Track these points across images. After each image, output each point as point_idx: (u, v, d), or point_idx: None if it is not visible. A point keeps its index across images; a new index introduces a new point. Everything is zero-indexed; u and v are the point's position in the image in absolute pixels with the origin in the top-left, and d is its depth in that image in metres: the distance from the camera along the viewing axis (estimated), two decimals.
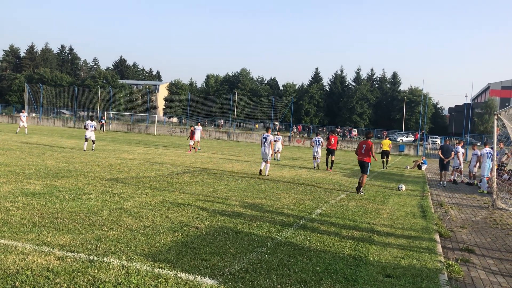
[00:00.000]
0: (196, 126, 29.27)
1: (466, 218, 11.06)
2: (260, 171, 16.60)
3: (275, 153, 25.18)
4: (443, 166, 18.92)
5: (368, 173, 14.37)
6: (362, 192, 13.73)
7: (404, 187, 15.53)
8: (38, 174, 12.41)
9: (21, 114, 36.52)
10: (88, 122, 22.61)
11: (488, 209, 12.85)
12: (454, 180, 20.34)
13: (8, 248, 5.63)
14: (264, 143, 17.04)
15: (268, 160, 16.81)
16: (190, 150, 27.35)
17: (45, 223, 7.01)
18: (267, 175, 16.43)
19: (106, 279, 4.85)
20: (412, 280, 5.69)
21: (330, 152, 21.35)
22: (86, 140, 22.27)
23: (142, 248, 6.12)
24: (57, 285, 4.60)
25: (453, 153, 19.51)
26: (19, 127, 35.47)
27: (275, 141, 24.55)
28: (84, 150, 21.61)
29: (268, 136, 17.12)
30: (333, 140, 21.66)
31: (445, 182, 18.81)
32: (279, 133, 28.29)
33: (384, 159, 26.51)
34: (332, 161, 21.41)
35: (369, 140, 14.73)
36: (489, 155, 16.77)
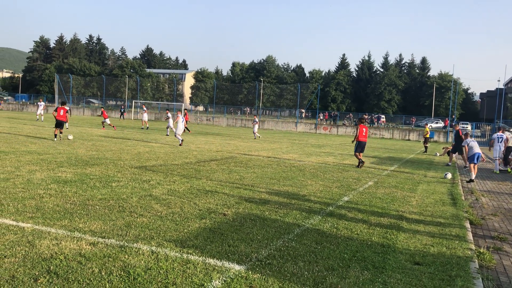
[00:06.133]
0: (143, 109, 36.08)
1: (498, 206, 10.80)
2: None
3: (254, 133, 32.12)
4: (457, 150, 20.65)
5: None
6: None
7: (450, 175, 15.25)
8: (69, 162, 12.71)
9: (39, 103, 38.05)
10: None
11: None
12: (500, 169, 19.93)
13: (42, 234, 5.81)
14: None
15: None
16: (104, 127, 31.28)
17: (76, 210, 7.18)
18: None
19: (136, 264, 4.95)
20: (441, 268, 5.60)
21: None
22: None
23: (171, 234, 6.21)
24: (89, 269, 4.72)
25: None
26: (37, 115, 37.17)
27: (254, 123, 32.40)
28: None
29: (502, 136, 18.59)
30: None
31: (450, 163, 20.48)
32: (255, 116, 33.69)
33: (425, 145, 30.21)
34: None
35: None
36: (500, 139, 18.44)
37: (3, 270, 4.54)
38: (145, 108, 39.81)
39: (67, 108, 21.57)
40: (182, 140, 21.76)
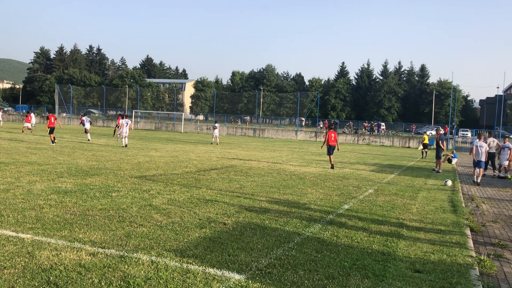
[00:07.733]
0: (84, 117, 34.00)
1: (498, 213, 10.79)
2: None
3: (215, 137, 32.96)
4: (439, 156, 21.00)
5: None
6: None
7: (450, 182, 15.27)
8: (69, 172, 12.72)
9: (31, 114, 37.63)
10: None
11: None
12: (499, 175, 19.98)
13: (42, 245, 5.80)
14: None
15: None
16: (23, 132, 32.51)
17: (76, 220, 7.18)
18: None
19: (136, 275, 4.95)
20: (442, 276, 5.59)
21: None
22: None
23: (171, 244, 6.20)
24: (89, 280, 4.72)
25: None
26: (31, 127, 36.42)
27: (214, 128, 33.25)
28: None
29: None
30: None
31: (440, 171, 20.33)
32: (216, 122, 35.49)
33: (424, 150, 31.11)
34: None
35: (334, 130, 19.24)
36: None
37: (2, 281, 4.54)
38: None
39: (55, 116, 23.38)
40: (126, 145, 23.93)
